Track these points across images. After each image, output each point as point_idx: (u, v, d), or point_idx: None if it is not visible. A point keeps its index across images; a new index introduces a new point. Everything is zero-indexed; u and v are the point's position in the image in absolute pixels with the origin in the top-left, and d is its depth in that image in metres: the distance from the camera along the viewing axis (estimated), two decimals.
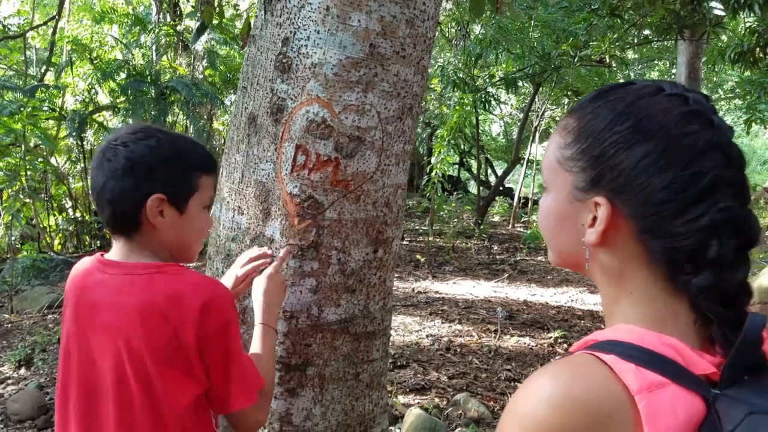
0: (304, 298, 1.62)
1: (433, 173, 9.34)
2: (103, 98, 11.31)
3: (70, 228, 10.86)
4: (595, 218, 0.77)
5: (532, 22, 10.72)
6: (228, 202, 1.74)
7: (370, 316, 1.72)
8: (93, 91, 10.90)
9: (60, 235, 10.85)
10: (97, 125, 10.74)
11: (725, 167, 0.72)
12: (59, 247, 10.69)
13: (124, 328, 1.19)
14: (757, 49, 6.19)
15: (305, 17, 1.54)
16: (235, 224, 1.71)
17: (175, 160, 1.29)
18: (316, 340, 1.64)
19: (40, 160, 9.19)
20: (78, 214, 11.06)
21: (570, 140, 0.81)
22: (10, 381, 4.61)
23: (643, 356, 0.68)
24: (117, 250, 1.31)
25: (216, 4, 3.28)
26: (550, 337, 5.73)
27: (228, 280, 1.56)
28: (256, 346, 1.43)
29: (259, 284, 1.50)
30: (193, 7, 12.80)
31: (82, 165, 10.98)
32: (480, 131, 14.90)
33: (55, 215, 10.84)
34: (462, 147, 16.38)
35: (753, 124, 9.37)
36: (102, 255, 1.33)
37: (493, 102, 12.73)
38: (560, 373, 0.69)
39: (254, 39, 1.70)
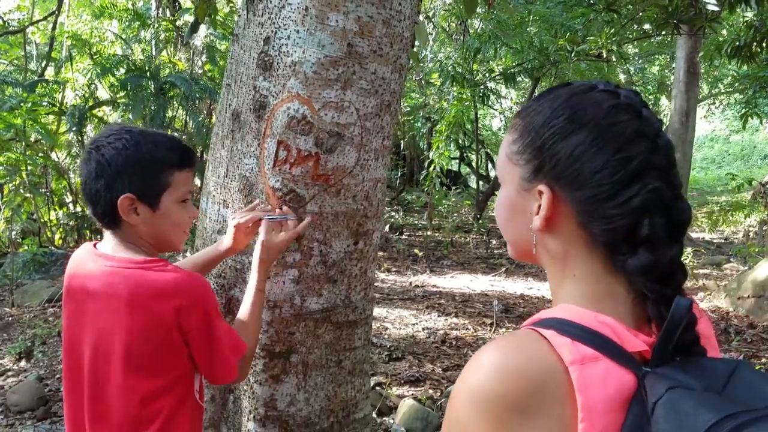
0: (287, 288, 1.68)
1: (432, 168, 9.38)
2: (103, 93, 11.36)
3: (71, 223, 10.92)
4: (539, 206, 0.83)
5: (531, 16, 10.74)
6: (213, 195, 1.80)
7: (351, 305, 1.78)
8: (93, 86, 10.95)
9: (61, 229, 10.91)
10: (97, 120, 10.79)
11: (652, 153, 0.78)
12: (60, 241, 10.74)
13: (112, 317, 1.29)
14: (754, 44, 6.20)
15: (285, 17, 1.60)
16: (220, 217, 1.78)
17: (142, 159, 1.36)
18: (299, 329, 1.71)
19: (40, 155, 9.24)
20: (78, 209, 11.14)
21: (516, 136, 0.88)
22: (10, 373, 4.67)
23: (579, 332, 0.74)
24: (107, 242, 1.40)
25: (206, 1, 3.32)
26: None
27: (228, 237, 1.63)
28: (245, 311, 1.52)
29: (258, 251, 1.57)
30: (192, 2, 12.85)
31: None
32: (480, 126, 14.92)
33: (55, 210, 10.89)
34: (462, 142, 16.40)
35: (749, 118, 9.41)
36: (95, 245, 1.42)
37: (492, 97, 12.77)
38: (504, 346, 0.75)
39: (237, 38, 1.75)
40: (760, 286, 6.13)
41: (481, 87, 11.74)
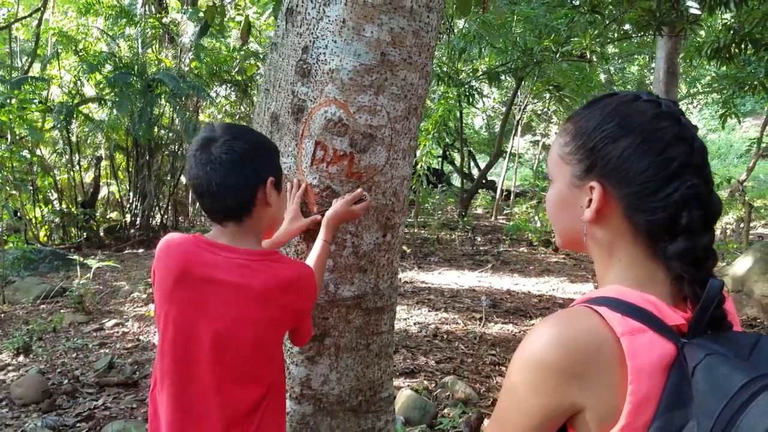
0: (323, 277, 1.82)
1: (418, 166, 9.53)
2: (89, 90, 11.33)
3: (56, 219, 10.90)
4: (590, 200, 0.97)
5: (515, 17, 10.92)
6: None
7: (379, 293, 1.93)
8: (79, 82, 10.91)
9: (46, 226, 10.88)
10: (83, 117, 10.77)
11: (690, 155, 0.92)
12: (45, 238, 10.72)
13: (243, 307, 1.42)
14: (733, 45, 6.42)
15: (323, 28, 1.74)
16: None
17: (270, 146, 1.49)
18: (333, 314, 1.86)
19: (25, 151, 9.22)
20: (64, 206, 11.11)
21: (569, 139, 1.02)
22: (10, 368, 4.72)
23: (627, 308, 0.87)
24: (223, 235, 1.49)
25: (218, 5, 3.41)
26: (533, 324, 5.94)
27: (288, 222, 1.77)
28: (313, 258, 1.69)
29: (332, 207, 1.74)
30: (179, 0, 12.84)
31: (68, 156, 11.02)
32: (463, 124, 15.10)
33: (40, 207, 10.87)
34: (446, 140, 16.57)
35: (728, 118, 9.69)
36: (203, 236, 1.50)
37: (476, 96, 12.94)
38: (561, 319, 0.89)
39: (276, 46, 1.89)
40: (739, 281, 6.37)
41: (466, 86, 11.90)
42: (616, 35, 10.89)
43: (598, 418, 0.84)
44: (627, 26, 9.67)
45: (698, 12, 6.27)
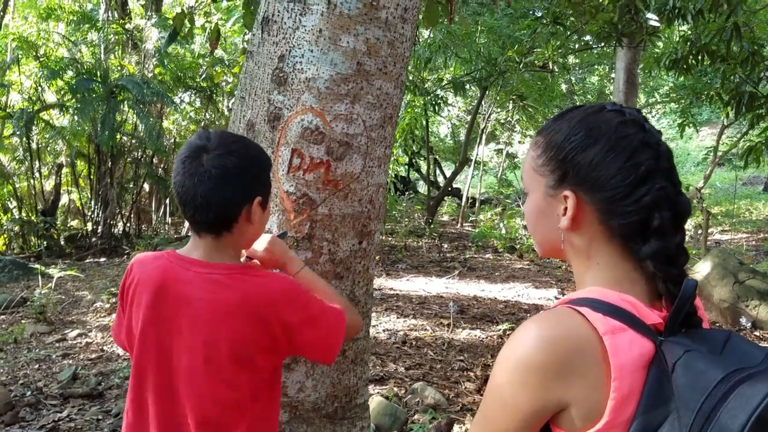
0: None
1: None
2: (50, 96, 11.11)
3: (16, 228, 10.65)
4: (566, 208, 1.01)
5: (479, 27, 11.08)
6: None
7: (355, 299, 1.95)
8: (39, 88, 10.70)
9: (5, 235, 10.62)
10: (44, 124, 10.56)
11: (657, 159, 0.97)
12: (3, 247, 10.46)
13: (220, 321, 1.36)
14: (690, 56, 6.61)
15: (300, 38, 1.76)
16: None
17: (263, 163, 1.45)
18: None
19: None
20: (24, 214, 10.86)
21: (540, 152, 1.06)
22: None
23: (608, 309, 0.91)
24: (197, 249, 1.44)
25: (186, 12, 3.40)
26: (499, 330, 6.03)
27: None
28: (320, 289, 1.60)
29: (275, 248, 1.63)
30: (142, 6, 12.69)
31: (29, 164, 10.78)
32: (429, 133, 15.23)
33: (0, 215, 10.62)
34: (412, 148, 16.70)
35: (686, 127, 9.97)
36: (175, 252, 1.45)
37: (441, 104, 13.08)
38: (545, 320, 0.92)
39: (251, 55, 1.90)
40: (698, 285, 6.54)
41: (432, 95, 12.02)
42: (577, 46, 11.14)
43: (583, 414, 0.87)
44: (588, 37, 9.91)
45: (657, 24, 6.47)
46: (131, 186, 11.75)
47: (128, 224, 11.73)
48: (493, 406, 0.93)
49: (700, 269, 6.69)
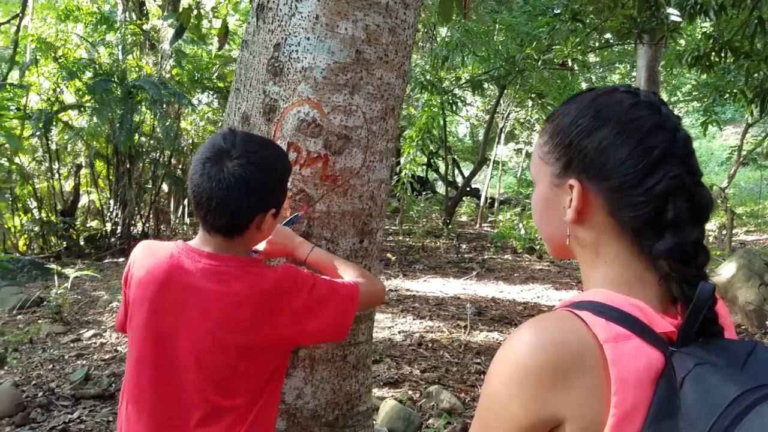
0: None
1: (403, 173, 9.48)
2: (69, 97, 11.18)
3: (35, 229, 10.73)
4: (571, 199, 0.90)
5: (497, 25, 10.96)
6: None
7: None
8: (58, 89, 10.77)
9: (25, 235, 10.71)
10: (62, 125, 10.62)
11: (672, 143, 0.85)
12: (24, 247, 10.54)
13: (228, 312, 1.36)
14: (713, 53, 6.45)
15: (296, 25, 1.67)
16: None
17: (284, 174, 1.44)
18: None
19: (4, 159, 9.07)
20: (43, 215, 10.93)
21: (546, 138, 0.96)
22: None
23: (612, 313, 0.80)
24: (209, 243, 1.43)
25: (193, 6, 3.34)
26: None
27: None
28: (330, 268, 1.64)
29: (279, 239, 1.65)
30: (159, 6, 12.74)
31: (48, 164, 10.85)
32: (447, 132, 15.13)
33: (20, 215, 10.70)
34: (430, 148, 16.63)
35: (709, 126, 9.76)
36: (185, 243, 1.45)
37: (459, 104, 12.96)
38: (541, 323, 0.82)
39: (246, 44, 1.81)
40: (722, 287, 6.37)
41: (449, 94, 11.91)
42: (597, 44, 10.96)
43: (580, 431, 0.77)
44: (608, 35, 9.73)
45: (678, 19, 6.30)
46: (149, 186, 11.79)
47: (147, 224, 11.77)
48: (488, 413, 0.84)
49: (725, 271, 6.51)
